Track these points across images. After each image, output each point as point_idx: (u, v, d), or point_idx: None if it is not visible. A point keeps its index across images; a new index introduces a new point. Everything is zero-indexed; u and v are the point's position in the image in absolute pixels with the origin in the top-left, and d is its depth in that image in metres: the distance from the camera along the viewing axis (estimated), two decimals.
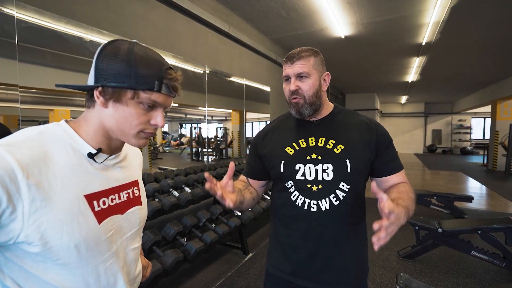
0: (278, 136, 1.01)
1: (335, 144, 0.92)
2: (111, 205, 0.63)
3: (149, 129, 0.62)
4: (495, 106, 9.03)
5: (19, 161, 0.48)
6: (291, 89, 0.92)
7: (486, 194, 5.76)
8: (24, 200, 0.48)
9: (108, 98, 0.58)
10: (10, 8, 1.50)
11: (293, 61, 0.92)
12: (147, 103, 0.59)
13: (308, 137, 0.95)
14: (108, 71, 0.56)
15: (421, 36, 4.88)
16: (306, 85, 0.92)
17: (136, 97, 0.58)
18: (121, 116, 0.59)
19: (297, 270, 0.94)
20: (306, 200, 0.90)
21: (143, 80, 0.57)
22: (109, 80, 0.56)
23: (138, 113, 0.59)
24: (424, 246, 2.71)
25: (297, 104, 0.93)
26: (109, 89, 0.57)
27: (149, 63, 0.58)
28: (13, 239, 0.49)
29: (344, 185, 0.89)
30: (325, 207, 0.89)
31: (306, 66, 0.91)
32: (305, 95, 0.92)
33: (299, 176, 0.91)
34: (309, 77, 0.92)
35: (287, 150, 0.95)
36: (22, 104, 1.56)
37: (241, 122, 4.59)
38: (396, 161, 0.96)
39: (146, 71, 0.57)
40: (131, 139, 0.62)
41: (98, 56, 0.58)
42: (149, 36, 2.61)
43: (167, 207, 2.21)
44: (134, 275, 0.72)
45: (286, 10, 3.89)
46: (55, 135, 0.57)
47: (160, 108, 0.63)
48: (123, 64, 0.56)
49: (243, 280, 2.38)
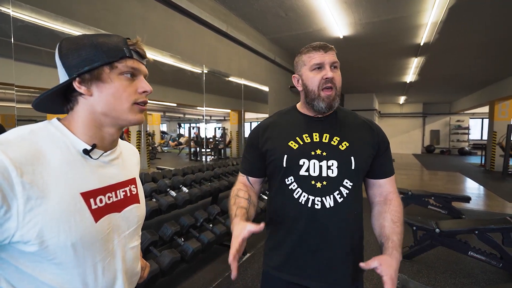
0: (280, 130, 0.98)
1: (340, 141, 0.91)
2: (108, 203, 0.62)
3: (140, 98, 0.63)
4: (493, 107, 9.06)
5: (12, 160, 0.48)
6: (328, 76, 0.88)
7: (484, 195, 5.78)
8: (19, 199, 0.48)
9: (89, 84, 0.58)
10: (6, 6, 1.49)
11: (327, 50, 0.90)
12: (127, 71, 0.60)
13: (312, 133, 0.94)
14: (77, 60, 0.57)
15: (420, 36, 4.89)
16: (338, 76, 0.91)
17: (114, 68, 0.59)
18: (108, 94, 0.59)
19: (300, 268, 0.93)
20: (310, 197, 0.88)
21: (112, 52, 0.58)
22: (82, 67, 0.57)
23: (123, 85, 0.60)
24: (422, 246, 2.72)
25: (329, 97, 0.90)
26: (86, 74, 0.58)
27: (109, 37, 0.60)
28: (8, 238, 0.49)
29: (348, 182, 0.89)
30: (329, 204, 0.88)
31: (336, 57, 0.90)
32: (337, 86, 0.90)
33: (303, 171, 0.90)
34: (338, 68, 0.91)
35: (291, 144, 0.93)
36: (18, 104, 1.55)
37: (239, 122, 4.59)
38: (390, 165, 0.97)
39: (110, 44, 0.59)
40: (128, 115, 0.62)
41: (60, 57, 0.59)
42: (147, 35, 2.60)
43: (164, 207, 2.21)
44: (133, 273, 0.72)
45: (285, 10, 3.89)
46: (48, 133, 0.57)
47: (140, 75, 0.64)
48: (87, 48, 0.58)
49: (241, 280, 2.37)
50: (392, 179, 0.97)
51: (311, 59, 0.90)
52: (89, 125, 0.61)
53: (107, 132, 0.63)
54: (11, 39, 1.50)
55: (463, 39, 5.03)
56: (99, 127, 0.62)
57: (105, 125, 0.62)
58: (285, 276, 0.95)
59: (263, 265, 1.03)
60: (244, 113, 4.46)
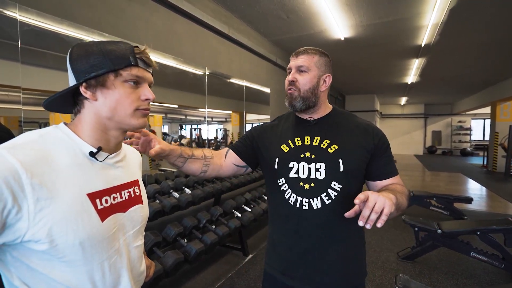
0: (276, 133, 1.03)
1: (329, 144, 0.93)
2: (113, 203, 0.65)
3: (142, 105, 0.65)
4: (494, 107, 9.05)
5: (22, 162, 0.50)
6: (288, 79, 0.96)
7: (486, 196, 5.76)
8: (29, 200, 0.50)
9: (94, 89, 0.61)
10: (13, 11, 1.51)
11: (298, 55, 0.96)
12: (131, 79, 0.63)
13: (304, 136, 0.97)
14: (85, 66, 0.60)
15: (421, 37, 4.90)
16: (303, 78, 0.94)
17: (118, 76, 0.61)
18: (112, 101, 0.62)
19: (289, 269, 0.95)
20: (298, 198, 0.91)
21: (118, 60, 0.61)
22: (89, 73, 0.59)
23: (127, 92, 0.63)
24: (424, 247, 2.72)
25: (291, 96, 0.96)
26: (92, 80, 0.60)
27: (116, 45, 0.63)
28: (19, 238, 0.51)
29: (336, 185, 0.90)
30: (316, 205, 0.90)
31: (307, 61, 0.94)
32: (301, 88, 0.94)
33: (292, 174, 0.93)
34: (308, 72, 0.94)
35: (283, 147, 0.97)
36: (24, 106, 1.57)
37: (241, 123, 4.60)
38: (392, 165, 0.97)
39: (117, 52, 0.61)
40: (130, 120, 0.64)
41: (70, 61, 0.61)
42: (149, 38, 2.62)
43: (167, 208, 2.22)
44: (138, 271, 0.74)
45: (286, 12, 3.91)
46: (56, 137, 0.60)
47: (145, 83, 0.66)
48: (95, 55, 0.60)
49: (243, 281, 2.38)
50: (398, 179, 0.97)
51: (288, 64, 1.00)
52: (94, 128, 0.63)
53: (112, 135, 0.66)
54: (18, 43, 1.52)
55: (464, 40, 5.04)
56: (104, 130, 0.65)
57: (110, 128, 0.65)
58: (280, 276, 0.97)
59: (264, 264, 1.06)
60: (246, 115, 4.47)
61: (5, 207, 0.48)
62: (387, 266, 2.66)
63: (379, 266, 2.66)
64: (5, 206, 0.48)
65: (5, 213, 0.48)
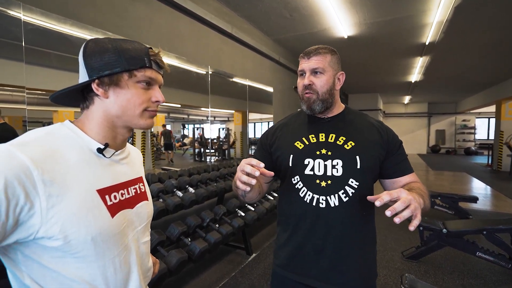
0: (287, 131, 1.02)
1: (345, 140, 0.92)
2: (121, 199, 0.65)
3: (151, 106, 0.66)
4: (499, 106, 8.96)
5: (33, 159, 0.50)
6: (304, 83, 0.93)
7: (491, 195, 5.71)
8: (41, 196, 0.50)
9: (107, 87, 0.61)
10: (17, 11, 1.52)
11: (310, 56, 0.93)
12: (144, 80, 0.63)
13: (318, 133, 0.95)
14: (99, 63, 0.60)
15: (425, 35, 4.85)
16: (320, 81, 0.92)
17: (132, 76, 0.61)
18: (123, 100, 0.62)
19: (305, 268, 0.93)
20: (314, 196, 0.90)
21: (133, 60, 0.61)
22: (103, 71, 0.59)
23: (139, 93, 0.63)
24: (429, 246, 2.70)
25: (309, 99, 0.94)
26: (105, 78, 0.60)
27: (132, 44, 0.63)
28: (33, 234, 0.51)
29: (353, 182, 0.89)
30: (334, 203, 0.88)
31: (321, 62, 0.92)
32: (319, 91, 0.93)
33: (308, 171, 0.91)
34: (323, 73, 0.93)
35: (297, 144, 0.96)
36: (28, 106, 1.58)
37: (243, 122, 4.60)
38: (407, 162, 0.96)
39: (133, 52, 0.62)
40: (139, 120, 0.65)
41: (84, 56, 0.61)
42: (153, 37, 2.63)
43: (171, 207, 2.22)
44: (147, 267, 0.75)
45: (289, 10, 3.90)
46: (62, 134, 0.60)
47: (156, 85, 0.67)
48: (110, 52, 0.60)
49: (247, 280, 2.38)
50: (414, 176, 0.95)
51: (299, 65, 0.97)
52: (102, 125, 0.64)
53: (119, 132, 0.67)
54: (22, 43, 1.52)
55: (469, 38, 4.99)
56: (112, 127, 0.65)
57: (117, 126, 0.65)
58: (291, 275, 0.95)
59: (273, 265, 1.04)
60: (248, 114, 4.46)
61: (18, 204, 0.48)
62: (392, 266, 2.64)
63: (383, 266, 2.64)
64: (18, 203, 0.48)
65: (17, 210, 0.48)
